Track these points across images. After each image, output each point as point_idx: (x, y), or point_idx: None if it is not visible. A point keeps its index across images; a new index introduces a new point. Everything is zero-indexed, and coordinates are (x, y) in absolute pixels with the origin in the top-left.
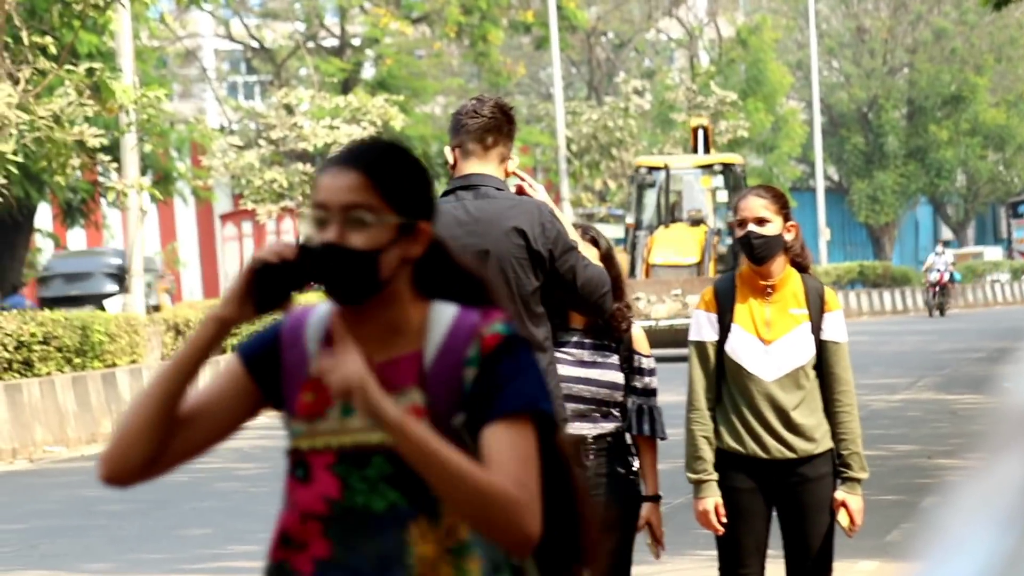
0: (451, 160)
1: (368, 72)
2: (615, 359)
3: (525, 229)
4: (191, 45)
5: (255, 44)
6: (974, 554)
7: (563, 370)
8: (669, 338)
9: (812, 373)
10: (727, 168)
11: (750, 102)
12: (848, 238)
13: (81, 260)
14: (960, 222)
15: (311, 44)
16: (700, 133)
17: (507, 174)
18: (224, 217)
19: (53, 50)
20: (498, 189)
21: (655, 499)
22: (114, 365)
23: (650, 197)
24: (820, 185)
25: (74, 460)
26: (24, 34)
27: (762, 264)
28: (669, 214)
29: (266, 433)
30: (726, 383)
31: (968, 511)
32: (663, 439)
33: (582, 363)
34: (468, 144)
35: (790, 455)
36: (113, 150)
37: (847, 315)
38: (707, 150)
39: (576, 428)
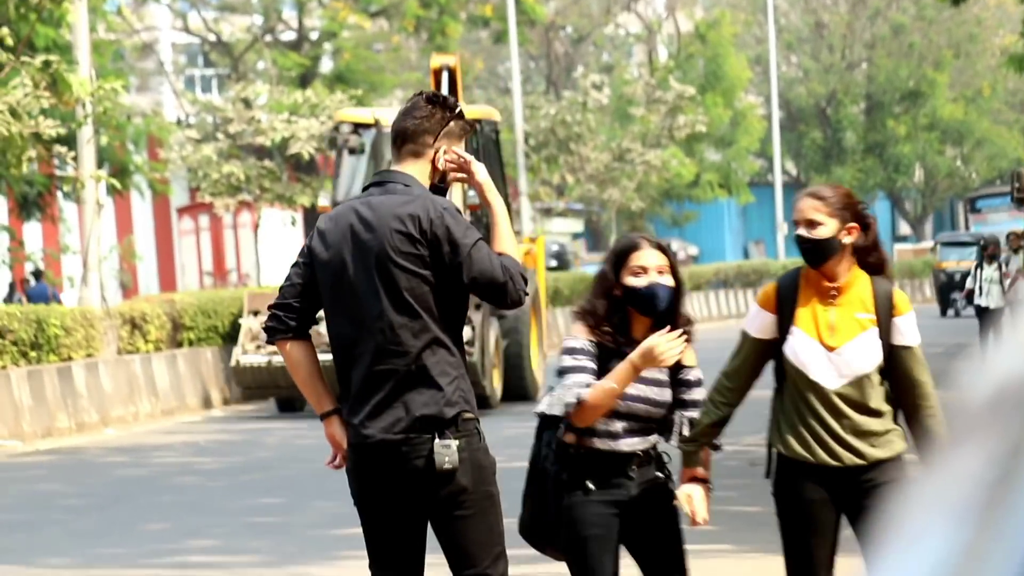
0: None
1: (326, 66)
2: (667, 376)
3: (410, 224)
4: (148, 38)
5: (213, 37)
6: (931, 548)
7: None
8: None
9: (877, 378)
10: (471, 127)
11: (708, 97)
12: None
13: None
14: (918, 217)
15: (269, 38)
16: (444, 76)
17: (435, 165)
18: (181, 211)
19: (10, 42)
20: (405, 185)
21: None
22: (70, 359)
23: (356, 166)
24: (778, 180)
25: (29, 454)
26: None
27: (817, 267)
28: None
29: (223, 428)
30: (788, 387)
31: (925, 505)
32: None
33: (641, 379)
34: (391, 145)
35: (860, 462)
36: (70, 142)
37: None
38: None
39: (628, 444)
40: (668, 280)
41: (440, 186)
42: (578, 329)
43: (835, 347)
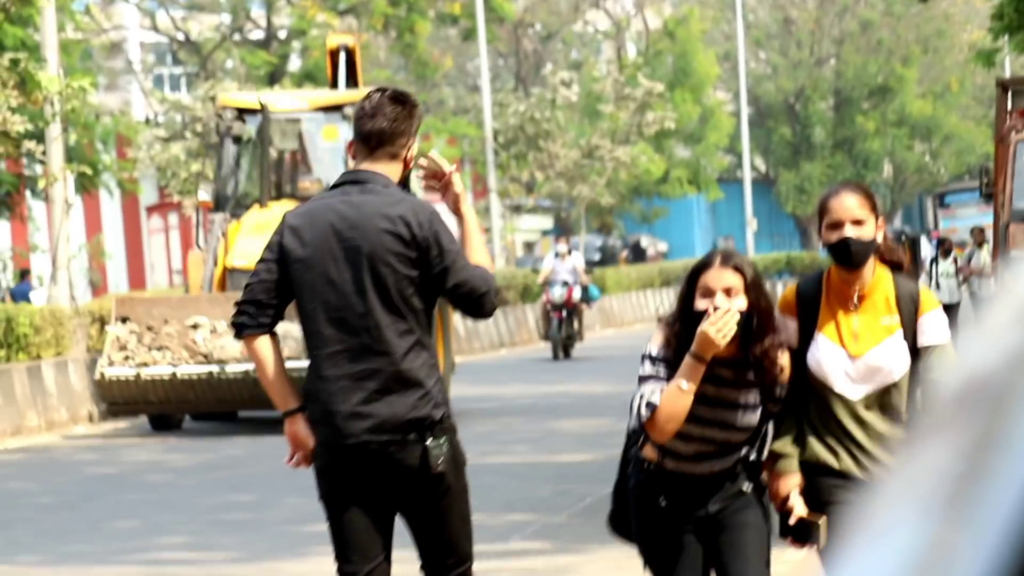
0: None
1: (295, 64)
2: (756, 397)
3: (400, 225)
4: (116, 37)
5: (181, 36)
6: (896, 541)
7: (699, 409)
8: (247, 392)
9: (905, 386)
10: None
11: (677, 93)
12: (775, 228)
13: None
14: (887, 213)
15: (237, 36)
16: (341, 57)
17: (406, 163)
18: (150, 209)
19: None
20: (384, 186)
21: None
22: (39, 357)
23: (241, 155)
24: (747, 176)
25: None
26: None
27: (857, 268)
28: (273, 186)
29: (193, 424)
30: (813, 396)
31: (892, 499)
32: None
33: (725, 403)
34: (359, 144)
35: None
36: (39, 141)
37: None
38: (354, 83)
39: (705, 468)
40: (739, 302)
41: (402, 185)
42: (657, 337)
43: (859, 355)
